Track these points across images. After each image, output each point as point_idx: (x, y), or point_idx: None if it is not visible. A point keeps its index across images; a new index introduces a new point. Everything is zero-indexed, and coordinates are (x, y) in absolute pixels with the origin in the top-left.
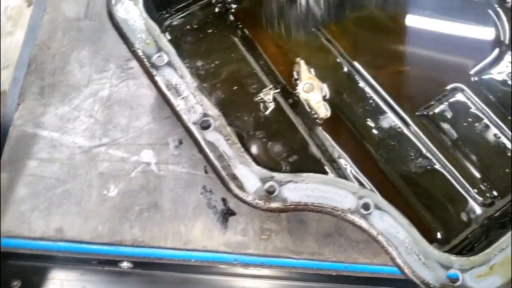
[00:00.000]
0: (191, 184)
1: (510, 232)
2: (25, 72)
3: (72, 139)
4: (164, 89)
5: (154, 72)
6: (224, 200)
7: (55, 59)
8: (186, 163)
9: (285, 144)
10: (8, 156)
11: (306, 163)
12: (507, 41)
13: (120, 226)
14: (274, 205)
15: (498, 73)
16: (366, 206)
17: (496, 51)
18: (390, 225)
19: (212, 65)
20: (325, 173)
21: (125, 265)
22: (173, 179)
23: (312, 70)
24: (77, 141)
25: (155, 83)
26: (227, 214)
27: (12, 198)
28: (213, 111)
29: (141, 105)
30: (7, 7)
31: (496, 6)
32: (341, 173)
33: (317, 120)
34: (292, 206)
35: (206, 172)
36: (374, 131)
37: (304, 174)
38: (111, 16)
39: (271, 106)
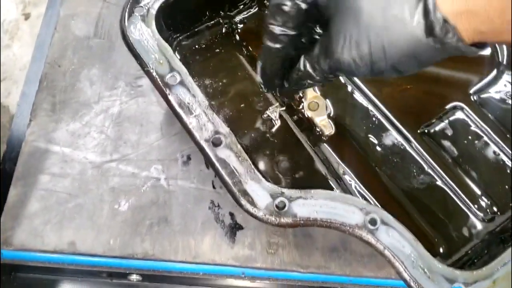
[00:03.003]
0: (199, 199)
1: (511, 247)
2: (36, 89)
3: (84, 155)
4: (177, 108)
5: (168, 91)
6: (231, 214)
7: (65, 77)
8: (195, 178)
9: (292, 160)
10: (21, 171)
11: (312, 179)
12: (504, 62)
13: (131, 240)
14: (284, 220)
15: (496, 92)
16: (373, 222)
17: (494, 71)
18: (396, 240)
19: (220, 83)
20: (331, 188)
21: (134, 277)
22: (182, 194)
23: (316, 88)
24: (88, 156)
25: (168, 102)
26: (234, 229)
27: (25, 213)
28: (224, 128)
29: (150, 122)
30: (4, 21)
31: None
32: (346, 189)
33: (322, 137)
34: (302, 222)
35: (213, 187)
36: (377, 148)
37: (313, 191)
38: (124, 37)
39: (278, 123)
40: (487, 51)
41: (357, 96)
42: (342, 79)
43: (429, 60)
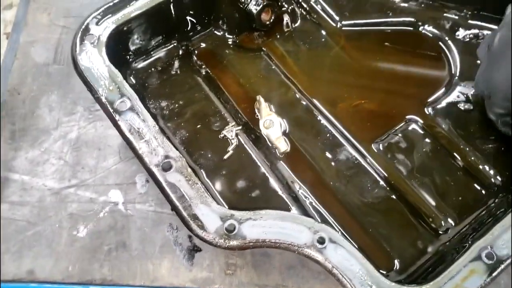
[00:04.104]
0: (157, 222)
1: (459, 260)
2: None
3: (42, 182)
4: (127, 133)
5: (117, 117)
6: (190, 237)
7: (25, 104)
8: (153, 201)
9: (248, 179)
10: None
11: (268, 197)
12: (458, 73)
13: (90, 266)
14: (234, 243)
15: (450, 104)
16: (321, 240)
17: (448, 82)
18: (344, 258)
19: (177, 105)
20: (287, 206)
21: None
22: (140, 218)
23: (272, 106)
24: (47, 183)
25: (118, 128)
26: (193, 251)
27: None
28: (174, 152)
29: (108, 146)
30: None
31: (447, 39)
32: (301, 206)
33: (278, 155)
34: (251, 244)
35: (172, 210)
36: (332, 164)
37: (263, 211)
38: (75, 64)
39: (234, 142)
40: (442, 64)
41: (312, 112)
42: (296, 95)
43: None
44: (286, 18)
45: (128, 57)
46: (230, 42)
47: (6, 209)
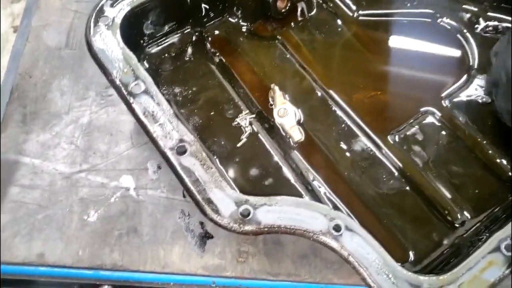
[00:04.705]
0: (169, 208)
1: (478, 251)
2: (7, 100)
3: (53, 166)
4: (141, 116)
5: (131, 100)
6: (202, 223)
7: (36, 87)
8: (165, 187)
9: (261, 167)
10: None
11: (281, 186)
12: (476, 65)
13: (100, 250)
14: (248, 228)
15: (468, 96)
16: (337, 228)
17: (466, 75)
18: (361, 246)
19: (190, 91)
20: (300, 195)
21: None
22: (151, 204)
23: (286, 95)
24: (58, 167)
25: (132, 111)
26: (205, 238)
27: None
28: (189, 136)
29: (120, 131)
30: None
31: (465, 31)
32: (315, 195)
33: (292, 144)
34: (266, 229)
35: (184, 196)
36: (347, 154)
37: (278, 197)
38: (89, 46)
39: (248, 130)
40: (460, 56)
41: (327, 102)
42: (311, 85)
43: None
44: (301, 6)
45: (142, 41)
46: (244, 30)
47: (17, 192)
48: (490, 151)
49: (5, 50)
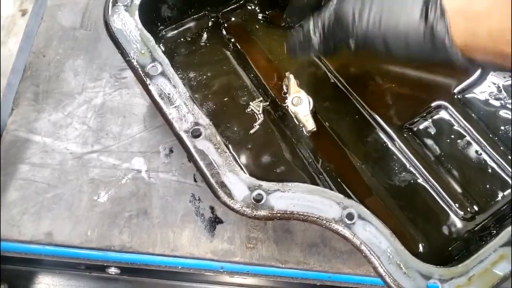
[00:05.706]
0: (180, 192)
1: (489, 244)
2: (20, 78)
3: (64, 145)
4: (157, 98)
5: (148, 81)
6: (212, 208)
7: (50, 67)
8: (176, 171)
9: (273, 155)
10: (1, 161)
11: (293, 173)
12: None
13: (109, 231)
14: (261, 213)
15: (481, 93)
16: (350, 216)
17: (479, 71)
18: (373, 235)
19: (204, 76)
20: (311, 183)
21: (112, 271)
22: (162, 187)
23: (300, 84)
24: (69, 147)
25: (148, 92)
26: (214, 222)
27: (3, 202)
28: (204, 120)
29: (133, 114)
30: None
31: None
32: (326, 185)
33: (304, 133)
34: (279, 215)
35: (195, 180)
36: (360, 145)
37: (291, 184)
38: (107, 26)
39: (261, 118)
40: None
41: (341, 93)
42: (326, 75)
43: (416, 46)
44: None
45: (159, 23)
46: (260, 17)
47: (26, 170)
48: (501, 147)
49: (12, 32)
